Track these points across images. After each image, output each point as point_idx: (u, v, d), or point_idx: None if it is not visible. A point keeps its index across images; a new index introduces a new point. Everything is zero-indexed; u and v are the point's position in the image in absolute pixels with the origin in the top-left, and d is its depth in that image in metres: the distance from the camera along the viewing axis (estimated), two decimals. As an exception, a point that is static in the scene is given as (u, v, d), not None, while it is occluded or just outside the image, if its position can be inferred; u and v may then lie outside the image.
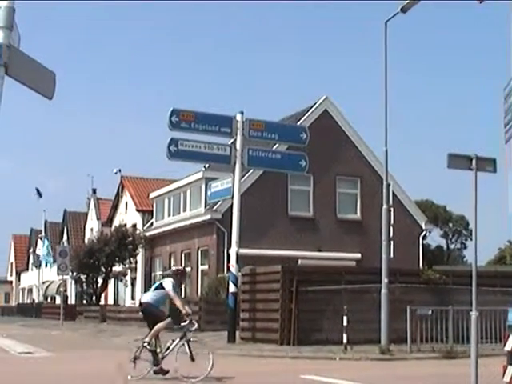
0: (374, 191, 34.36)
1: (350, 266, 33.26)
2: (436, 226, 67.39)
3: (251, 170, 34.61)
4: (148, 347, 14.65)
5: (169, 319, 15.01)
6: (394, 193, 28.69)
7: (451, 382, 13.62)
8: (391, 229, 22.21)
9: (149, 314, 15.14)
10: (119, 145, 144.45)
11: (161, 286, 15.16)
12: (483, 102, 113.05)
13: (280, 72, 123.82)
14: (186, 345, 14.55)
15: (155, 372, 14.52)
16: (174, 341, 14.77)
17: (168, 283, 15.05)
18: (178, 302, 15.02)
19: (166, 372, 14.45)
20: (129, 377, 13.91)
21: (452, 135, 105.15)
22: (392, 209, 22.75)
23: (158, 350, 14.67)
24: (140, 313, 15.67)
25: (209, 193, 29.88)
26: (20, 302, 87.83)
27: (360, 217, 39.77)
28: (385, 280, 21.15)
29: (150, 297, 15.22)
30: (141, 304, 15.35)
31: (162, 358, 14.64)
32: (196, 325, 15.18)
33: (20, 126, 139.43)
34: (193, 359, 14.36)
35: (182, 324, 14.85)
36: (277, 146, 30.85)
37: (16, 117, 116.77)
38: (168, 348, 14.71)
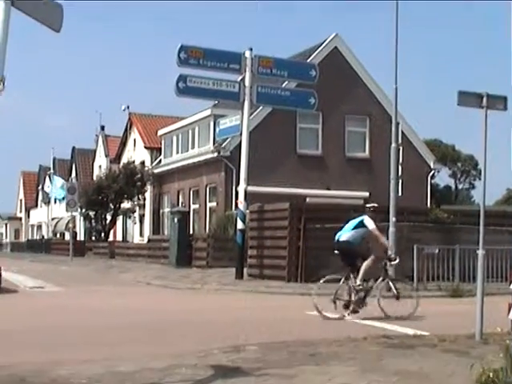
0: (382, 130, 34.19)
1: (357, 204, 33.31)
2: (444, 166, 67.19)
3: (260, 108, 34.43)
4: (359, 288, 14.29)
5: (372, 256, 14.49)
6: (402, 131, 28.59)
7: (457, 319, 13.70)
8: (399, 167, 22.16)
9: (348, 253, 14.64)
10: (127, 82, 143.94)
11: (361, 224, 14.68)
12: (496, 39, 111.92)
13: (290, 11, 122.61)
14: (389, 283, 14.47)
15: (353, 311, 14.21)
16: (376, 280, 14.50)
17: (370, 221, 14.63)
18: (383, 239, 14.80)
19: (356, 311, 14.21)
20: (329, 315, 13.85)
21: (463, 73, 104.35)
22: (401, 147, 22.66)
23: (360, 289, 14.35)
24: (336, 251, 14.98)
25: (217, 130, 29.82)
26: (29, 238, 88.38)
27: (368, 155, 39.68)
28: (392, 218, 21.17)
29: (349, 235, 14.67)
30: (338, 242, 14.80)
31: (364, 298, 14.37)
32: (398, 259, 14.72)
33: (29, 63, 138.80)
34: (397, 297, 14.28)
35: (387, 262, 14.54)
36: (286, 83, 30.65)
37: (24, 53, 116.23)
38: (369, 287, 14.45)
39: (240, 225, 24.24)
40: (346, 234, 14.80)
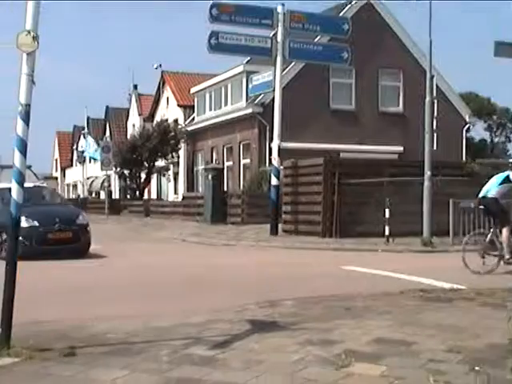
0: (416, 83, 33.77)
1: (392, 159, 33.19)
2: (480, 119, 66.40)
3: (292, 63, 34.23)
4: (509, 261, 14.09)
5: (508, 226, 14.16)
6: (437, 85, 28.33)
7: (494, 273, 13.72)
8: (434, 121, 22.00)
9: (494, 210, 14.47)
10: (160, 39, 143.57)
11: (507, 180, 14.32)
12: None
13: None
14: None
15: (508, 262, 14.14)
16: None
17: None
18: None
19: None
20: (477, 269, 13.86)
21: (499, 23, 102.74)
22: (435, 101, 22.49)
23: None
24: (481, 207, 14.96)
25: (250, 86, 29.73)
26: (66, 197, 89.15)
27: (402, 110, 39.36)
28: (427, 173, 21.06)
29: (496, 191, 14.37)
30: (484, 198, 14.59)
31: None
32: None
33: (60, 22, 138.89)
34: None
35: None
36: (318, 38, 30.43)
37: (55, 13, 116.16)
38: None
39: (274, 181, 24.27)
40: (493, 189, 14.48)
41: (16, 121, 6.83)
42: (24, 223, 15.56)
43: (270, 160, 29.12)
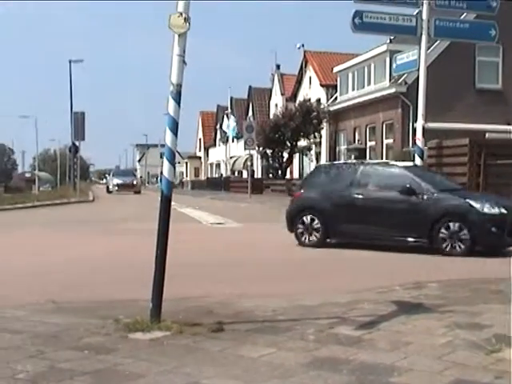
0: None
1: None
2: None
3: (437, 41, 33.58)
4: None
5: None
6: None
7: None
8: None
9: None
10: (302, 19, 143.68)
11: None
12: None
13: None
14: None
15: None
16: None
17: None
18: None
19: None
20: None
21: None
22: None
23: None
24: None
25: (394, 65, 29.32)
26: (209, 176, 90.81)
27: (552, 88, 38.02)
28: None
29: None
30: None
31: None
32: None
33: (212, 7, 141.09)
34: None
35: None
36: (464, 15, 29.71)
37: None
38: None
39: (418, 161, 23.93)
40: None
41: (167, 100, 7.00)
42: (494, 210, 14.43)
43: (413, 140, 28.69)
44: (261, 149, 51.56)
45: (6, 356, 5.85)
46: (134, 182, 64.25)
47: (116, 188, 61.90)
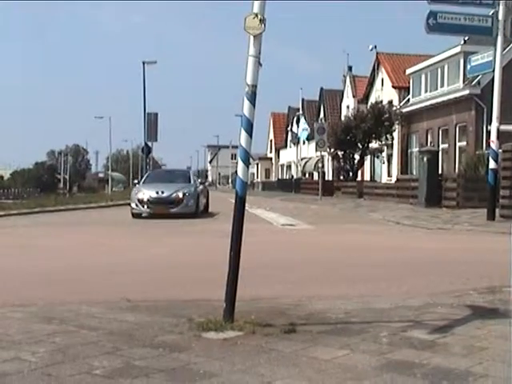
0: None
1: None
2: None
3: (513, 42, 33.12)
4: None
5: None
6: None
7: None
8: None
9: None
10: (374, 21, 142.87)
11: None
12: None
13: None
14: None
15: None
16: None
17: None
18: None
19: None
20: None
21: None
22: None
23: None
24: None
25: (468, 67, 28.98)
26: (279, 177, 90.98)
27: None
28: None
29: None
30: None
31: None
32: None
33: (278, 5, 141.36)
34: None
35: None
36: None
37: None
38: None
39: (492, 164, 23.59)
40: None
41: (242, 101, 7.03)
42: None
43: (487, 143, 28.30)
44: (332, 150, 51.46)
45: (82, 352, 5.95)
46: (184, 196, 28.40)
47: (147, 208, 27.68)
